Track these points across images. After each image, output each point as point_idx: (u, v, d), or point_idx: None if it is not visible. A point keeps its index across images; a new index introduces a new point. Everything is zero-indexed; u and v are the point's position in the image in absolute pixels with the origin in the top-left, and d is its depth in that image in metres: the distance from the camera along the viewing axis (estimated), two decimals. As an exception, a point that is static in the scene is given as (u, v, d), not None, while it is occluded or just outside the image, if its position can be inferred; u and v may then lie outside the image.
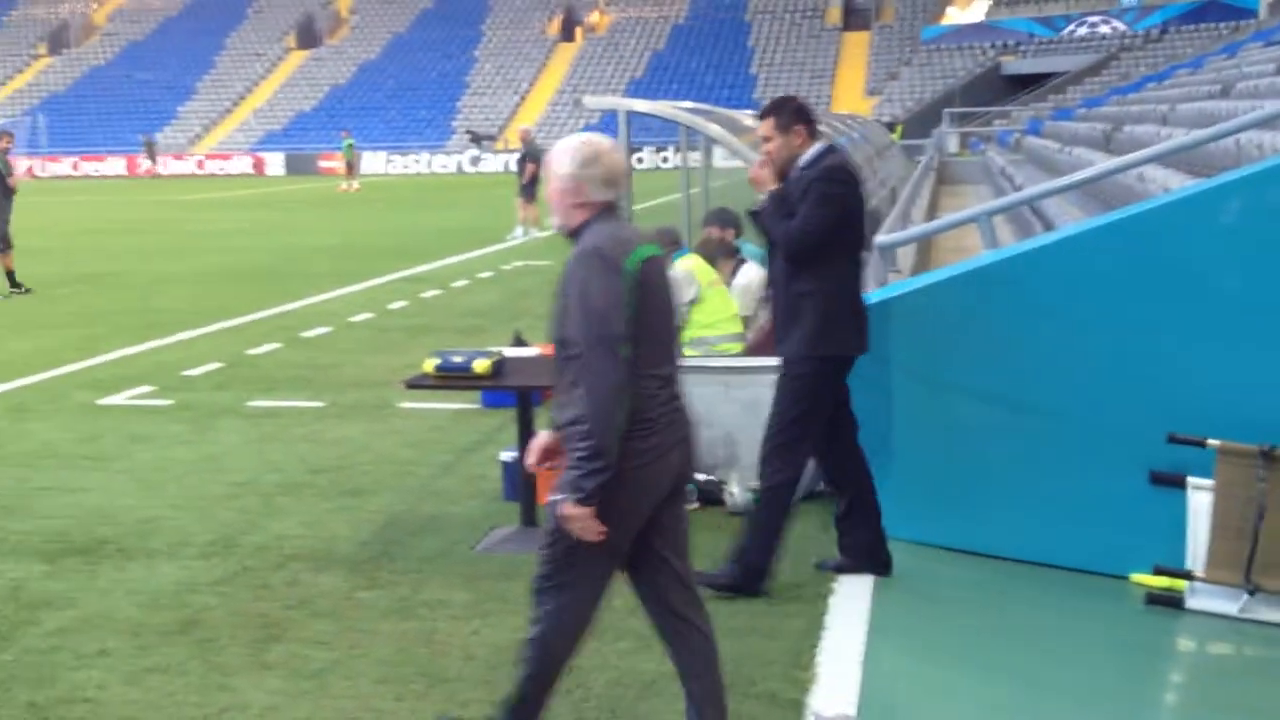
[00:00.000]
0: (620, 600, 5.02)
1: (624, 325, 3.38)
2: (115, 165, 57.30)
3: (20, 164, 16.33)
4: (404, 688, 4.29)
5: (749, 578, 5.07)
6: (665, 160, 45.85)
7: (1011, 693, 4.37)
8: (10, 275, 15.60)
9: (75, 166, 57.50)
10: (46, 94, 66.67)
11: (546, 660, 3.57)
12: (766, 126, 5.06)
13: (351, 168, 41.86)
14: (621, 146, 6.86)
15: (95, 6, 75.55)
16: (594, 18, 68.95)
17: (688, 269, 7.35)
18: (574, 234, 3.58)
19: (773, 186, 5.06)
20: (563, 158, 3.58)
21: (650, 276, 3.49)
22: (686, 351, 6.88)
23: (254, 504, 6.52)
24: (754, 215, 5.18)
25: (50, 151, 58.80)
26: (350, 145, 42.19)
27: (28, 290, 15.46)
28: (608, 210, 3.59)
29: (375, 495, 6.64)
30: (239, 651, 4.61)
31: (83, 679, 4.42)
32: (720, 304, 7.36)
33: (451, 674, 4.39)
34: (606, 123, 49.98)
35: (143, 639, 4.75)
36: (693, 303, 7.25)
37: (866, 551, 5.29)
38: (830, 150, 5.08)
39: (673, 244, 8.02)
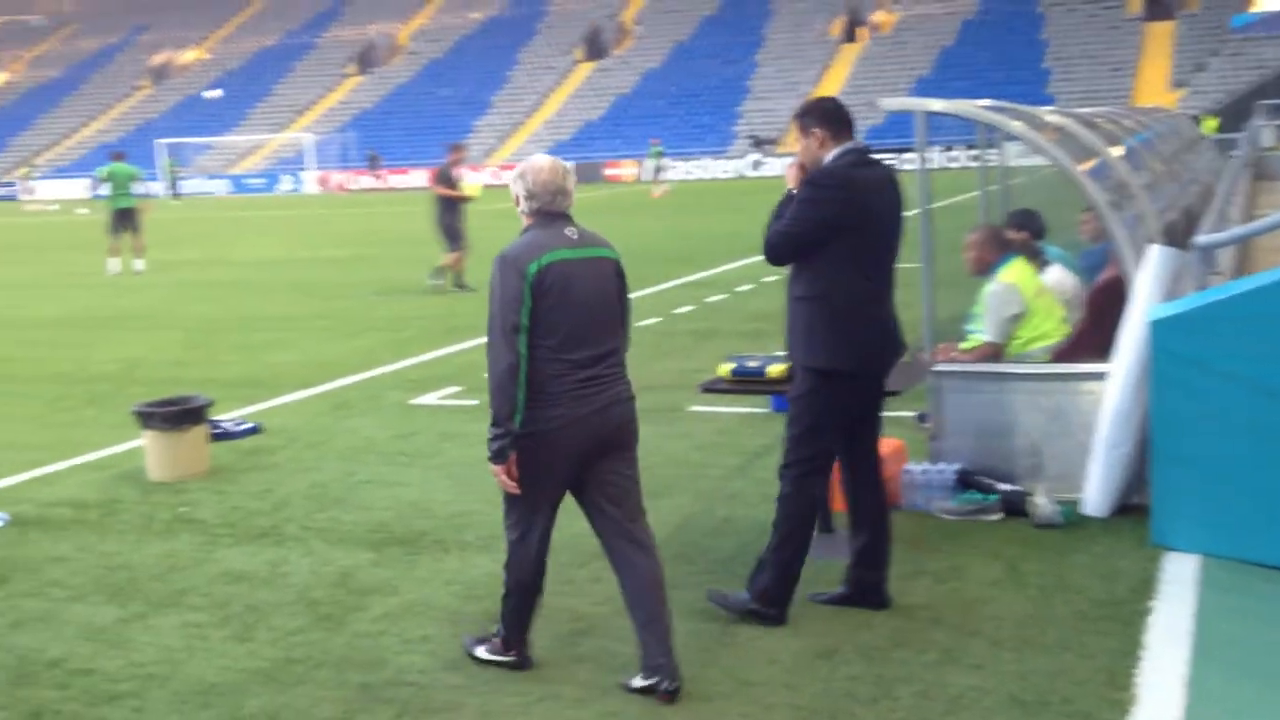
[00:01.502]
0: (926, 612, 4.97)
1: (517, 318, 4.10)
2: (418, 178, 60.55)
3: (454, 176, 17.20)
4: (711, 688, 4.35)
5: (763, 604, 4.91)
6: (954, 160, 44.66)
7: (1356, 727, 4.05)
8: (457, 276, 16.76)
9: (383, 179, 61.05)
10: (357, 111, 71.09)
11: (512, 582, 4.43)
12: (795, 128, 5.04)
13: (659, 172, 43.72)
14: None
15: (399, 27, 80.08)
16: (879, 16, 68.02)
17: (1010, 282, 6.97)
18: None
19: (792, 186, 4.99)
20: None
21: (554, 277, 4.16)
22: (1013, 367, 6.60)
23: (557, 502, 6.74)
24: None
25: (359, 166, 62.66)
26: (659, 152, 43.80)
27: (471, 289, 16.27)
28: (547, 218, 4.30)
29: (669, 497, 6.75)
30: (549, 644, 4.78)
31: (407, 663, 4.68)
32: (1046, 315, 7.00)
33: (756, 678, 4.43)
34: (893, 122, 48.83)
35: (461, 627, 4.99)
36: (1018, 317, 6.93)
37: (870, 589, 5.05)
38: (847, 153, 4.85)
39: (1001, 241, 7.23)
